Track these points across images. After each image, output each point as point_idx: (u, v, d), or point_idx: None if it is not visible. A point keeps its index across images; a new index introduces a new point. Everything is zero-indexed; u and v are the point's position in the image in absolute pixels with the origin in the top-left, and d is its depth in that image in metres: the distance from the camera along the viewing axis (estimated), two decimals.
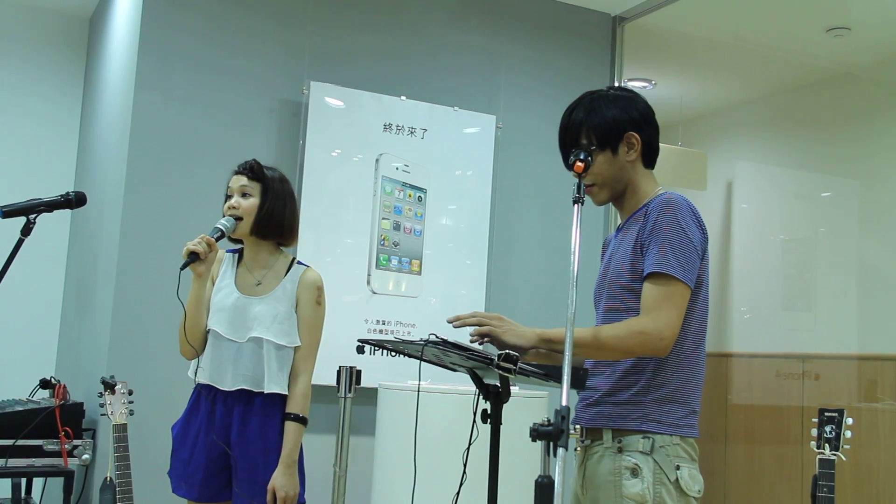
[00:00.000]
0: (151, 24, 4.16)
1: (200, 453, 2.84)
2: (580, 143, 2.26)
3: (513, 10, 4.90)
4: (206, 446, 2.84)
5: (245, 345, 2.83)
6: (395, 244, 4.44)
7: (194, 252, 2.71)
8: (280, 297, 2.88)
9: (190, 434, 2.87)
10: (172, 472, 2.92)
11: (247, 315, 2.84)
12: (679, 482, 2.12)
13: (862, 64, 5.36)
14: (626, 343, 2.12)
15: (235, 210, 2.85)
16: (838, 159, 5.49)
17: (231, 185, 2.92)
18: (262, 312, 2.85)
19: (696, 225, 2.17)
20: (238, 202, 2.86)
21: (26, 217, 2.39)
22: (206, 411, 2.86)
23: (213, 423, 2.84)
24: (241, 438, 2.82)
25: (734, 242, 6.00)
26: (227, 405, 2.84)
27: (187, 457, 2.86)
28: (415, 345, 2.08)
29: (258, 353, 2.83)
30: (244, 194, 2.88)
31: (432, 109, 4.59)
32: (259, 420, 2.83)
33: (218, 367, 2.84)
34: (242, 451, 2.82)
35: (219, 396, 2.85)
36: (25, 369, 4.80)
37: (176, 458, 2.90)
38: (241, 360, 2.82)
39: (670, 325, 2.11)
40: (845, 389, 5.09)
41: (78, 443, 3.90)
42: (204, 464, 2.84)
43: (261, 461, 2.81)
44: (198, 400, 2.90)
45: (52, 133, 5.54)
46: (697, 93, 6.18)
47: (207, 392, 2.86)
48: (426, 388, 3.44)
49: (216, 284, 2.91)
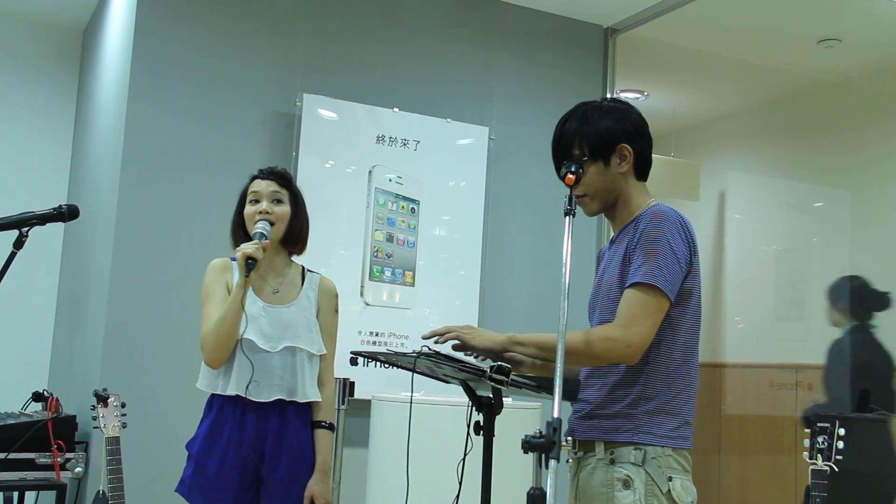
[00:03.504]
0: (145, 36, 4.17)
1: (232, 468, 2.72)
2: (573, 153, 2.26)
3: (505, 23, 4.92)
4: (238, 461, 2.73)
5: (278, 354, 2.76)
6: (388, 255, 4.44)
7: (253, 257, 2.66)
8: (305, 305, 2.86)
9: (216, 449, 2.74)
10: (194, 488, 2.76)
11: (278, 324, 2.79)
12: (671, 493, 2.12)
13: (853, 75, 5.39)
14: (593, 348, 2.12)
15: (268, 216, 2.80)
16: (830, 170, 5.51)
17: (259, 190, 2.84)
18: (295, 321, 2.81)
19: (682, 238, 2.17)
20: (271, 208, 2.81)
21: (18, 230, 2.38)
22: (234, 424, 2.75)
23: (245, 437, 2.74)
24: (277, 450, 2.75)
25: (727, 253, 6.02)
26: (259, 416, 2.75)
27: (215, 472, 2.73)
28: (407, 357, 2.08)
29: (291, 363, 2.78)
30: (276, 200, 2.83)
31: (425, 121, 4.60)
32: (295, 430, 2.78)
33: (249, 377, 2.73)
34: (276, 462, 2.75)
35: (248, 408, 2.75)
36: (18, 382, 4.78)
37: (200, 475, 2.75)
38: (276, 369, 2.75)
39: (640, 334, 2.10)
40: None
41: (70, 456, 3.89)
42: (237, 478, 2.73)
43: (296, 471, 2.77)
44: (221, 412, 2.77)
45: (45, 145, 5.54)
46: (690, 104, 6.20)
47: (234, 404, 2.76)
48: (419, 399, 3.44)
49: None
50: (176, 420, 4.05)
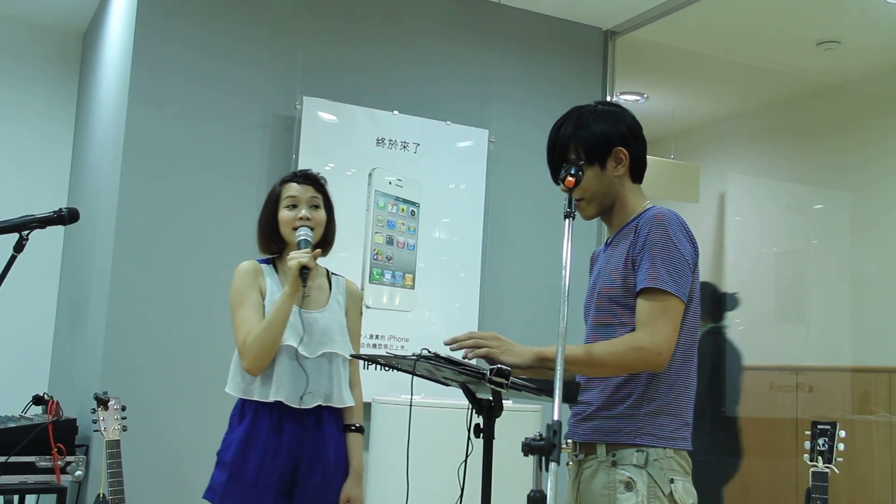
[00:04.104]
0: (145, 39, 4.17)
1: (270, 475, 2.70)
2: (568, 157, 2.27)
3: (505, 26, 4.92)
4: (276, 468, 2.70)
5: (316, 360, 2.75)
6: (388, 258, 4.44)
7: (308, 267, 2.65)
8: (336, 309, 2.85)
9: (253, 455, 2.70)
10: (228, 495, 2.72)
11: (314, 329, 2.76)
12: (673, 495, 2.12)
13: (852, 77, 5.39)
14: (624, 359, 2.12)
15: (308, 221, 2.78)
16: (830, 171, 5.52)
17: (296, 195, 2.81)
18: (330, 326, 2.80)
19: (686, 239, 2.18)
20: (311, 213, 2.80)
21: (19, 234, 2.38)
22: (270, 430, 2.71)
23: (282, 443, 2.71)
24: (314, 455, 2.74)
25: (727, 255, 6.02)
26: (297, 423, 2.73)
27: (252, 480, 2.69)
28: (407, 360, 2.08)
29: (328, 368, 2.77)
30: (314, 206, 2.82)
31: (425, 124, 4.60)
32: (330, 435, 2.78)
33: (290, 384, 2.70)
34: (313, 468, 2.73)
35: (285, 414, 2.72)
36: (18, 385, 4.78)
37: (235, 482, 2.70)
38: (314, 375, 2.74)
39: (667, 340, 2.11)
40: (839, 401, 5.10)
41: (71, 459, 3.89)
42: (275, 486, 2.71)
43: (330, 475, 2.76)
44: (257, 419, 2.73)
45: (45, 148, 5.55)
46: (689, 106, 6.21)
47: (270, 410, 2.72)
48: (419, 402, 3.44)
49: (267, 298, 2.78)
50: (176, 423, 4.06)
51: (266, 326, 2.67)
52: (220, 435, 2.83)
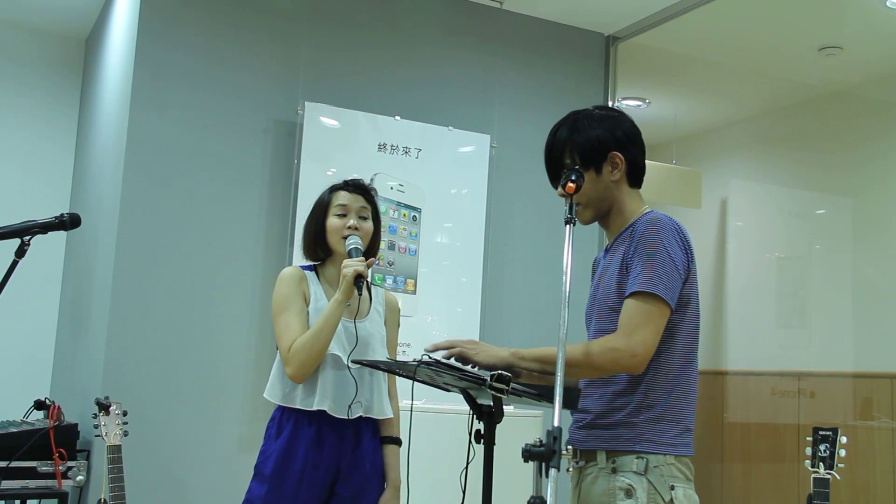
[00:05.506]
0: (147, 44, 4.18)
1: (311, 487, 2.65)
2: (564, 162, 2.27)
3: (507, 31, 4.93)
4: (316, 480, 2.65)
5: (358, 370, 2.68)
6: (389, 263, 4.45)
7: (363, 276, 2.62)
8: (377, 319, 2.83)
9: (294, 467, 2.65)
10: None
11: (358, 339, 2.72)
12: (674, 502, 2.12)
13: (854, 82, 5.39)
14: (597, 360, 2.11)
15: (357, 231, 2.75)
16: (832, 177, 5.51)
17: (347, 204, 2.79)
18: (373, 336, 2.77)
19: (679, 245, 2.17)
20: (359, 223, 2.78)
21: (20, 239, 2.38)
22: (310, 441, 2.66)
23: (323, 456, 2.66)
24: (352, 467, 2.69)
25: (729, 260, 6.01)
26: (337, 433, 2.68)
27: (292, 493, 2.64)
28: (408, 365, 2.08)
29: (369, 379, 2.73)
30: (362, 217, 2.80)
31: (427, 129, 4.61)
32: (369, 446, 2.74)
33: (335, 393, 2.66)
34: (349, 479, 2.68)
35: (325, 424, 2.67)
36: (20, 390, 4.78)
37: (275, 495, 2.64)
38: (358, 385, 2.69)
39: (643, 343, 2.09)
40: (841, 407, 5.09)
41: (72, 464, 3.89)
42: (317, 498, 2.66)
43: (366, 486, 2.72)
44: (297, 430, 2.68)
45: (48, 153, 5.56)
46: (691, 111, 6.21)
47: (309, 419, 2.67)
48: (420, 408, 3.44)
49: (312, 305, 2.73)
50: (177, 428, 4.06)
51: (315, 333, 2.62)
52: (221, 440, 2.83)
